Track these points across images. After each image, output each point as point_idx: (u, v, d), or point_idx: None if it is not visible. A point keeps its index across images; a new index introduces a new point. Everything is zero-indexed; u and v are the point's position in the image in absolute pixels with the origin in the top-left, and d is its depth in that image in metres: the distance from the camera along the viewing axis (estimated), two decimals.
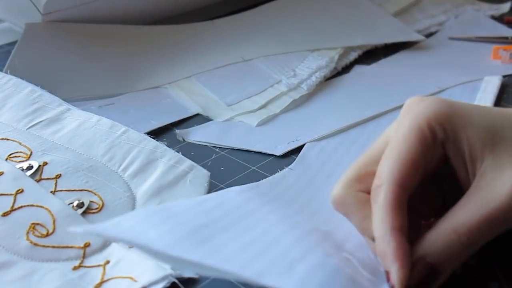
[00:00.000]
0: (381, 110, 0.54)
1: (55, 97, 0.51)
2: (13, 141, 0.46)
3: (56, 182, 0.42)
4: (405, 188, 0.33)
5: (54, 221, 0.38)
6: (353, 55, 0.65)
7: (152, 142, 0.45)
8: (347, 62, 0.64)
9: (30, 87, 0.52)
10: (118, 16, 0.67)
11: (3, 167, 0.43)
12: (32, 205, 0.40)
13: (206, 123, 0.53)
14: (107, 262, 0.36)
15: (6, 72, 0.54)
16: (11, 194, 0.40)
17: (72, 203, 0.40)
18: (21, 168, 0.43)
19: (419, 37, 0.69)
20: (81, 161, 0.44)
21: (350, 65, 0.64)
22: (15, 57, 0.58)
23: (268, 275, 0.29)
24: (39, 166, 0.43)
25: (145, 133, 0.46)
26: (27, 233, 0.37)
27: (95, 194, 0.41)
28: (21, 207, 0.39)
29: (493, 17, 0.76)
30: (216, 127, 0.53)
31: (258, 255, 0.30)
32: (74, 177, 0.42)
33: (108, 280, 0.35)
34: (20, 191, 0.41)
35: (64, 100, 0.51)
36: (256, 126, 0.53)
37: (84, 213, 0.40)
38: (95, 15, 0.65)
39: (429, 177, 0.35)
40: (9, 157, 0.44)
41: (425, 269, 0.31)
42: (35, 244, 0.37)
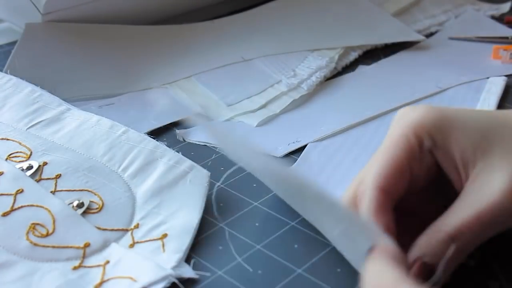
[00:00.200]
0: (382, 110, 0.54)
1: (55, 97, 0.51)
2: (13, 141, 0.46)
3: (56, 182, 0.42)
4: (389, 193, 0.33)
5: (54, 221, 0.38)
6: (353, 55, 0.65)
7: (152, 142, 0.45)
8: (347, 62, 0.64)
9: (30, 87, 0.52)
10: (118, 16, 0.67)
11: (3, 167, 0.43)
12: (32, 205, 0.40)
13: (209, 123, 0.53)
14: (107, 262, 0.36)
15: (6, 72, 0.54)
16: (11, 194, 0.40)
17: (72, 203, 0.40)
18: (21, 168, 0.43)
19: (419, 37, 0.69)
20: (81, 161, 0.44)
21: (351, 65, 0.64)
22: (15, 57, 0.58)
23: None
24: (39, 166, 0.43)
25: (145, 133, 0.46)
26: (27, 233, 0.37)
27: (95, 194, 0.41)
28: (21, 207, 0.39)
29: (493, 17, 0.76)
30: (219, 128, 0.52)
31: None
32: (74, 177, 0.42)
33: (108, 280, 0.35)
34: (20, 191, 0.41)
35: (64, 100, 0.51)
36: (256, 127, 0.53)
37: (84, 213, 0.40)
38: (95, 15, 0.65)
39: (424, 184, 0.35)
40: (9, 157, 0.44)
41: (422, 269, 0.31)
42: (35, 244, 0.37)
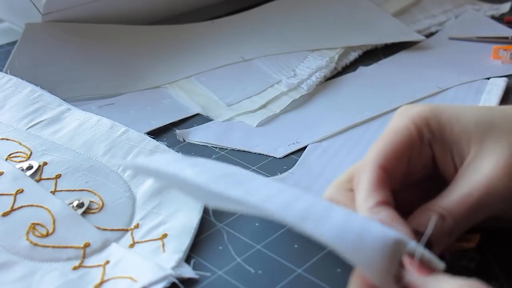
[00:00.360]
0: (382, 111, 0.54)
1: (55, 97, 0.51)
2: (13, 141, 0.46)
3: (56, 182, 0.42)
4: (388, 172, 0.34)
5: (54, 221, 0.38)
6: (353, 55, 0.65)
7: (152, 142, 0.45)
8: (347, 62, 0.64)
9: (30, 87, 0.52)
10: (118, 16, 0.67)
11: (3, 167, 0.43)
12: (32, 205, 0.40)
13: (206, 123, 0.53)
14: (107, 262, 0.36)
15: (6, 72, 0.54)
16: (11, 194, 0.40)
17: (72, 203, 0.40)
18: (21, 168, 0.43)
19: (419, 37, 0.69)
20: (81, 161, 0.44)
21: (351, 65, 0.64)
22: (15, 57, 0.58)
23: (309, 219, 0.28)
24: (39, 166, 0.43)
25: (145, 133, 0.46)
26: (27, 233, 0.37)
27: (95, 194, 0.41)
28: (21, 207, 0.39)
29: (493, 17, 0.76)
30: (216, 127, 0.53)
31: (296, 198, 0.30)
32: (74, 177, 0.42)
33: (108, 280, 0.35)
34: (20, 191, 0.41)
35: (64, 100, 0.51)
36: (256, 127, 0.53)
37: (84, 213, 0.40)
38: (95, 15, 0.65)
39: (419, 177, 0.36)
40: (9, 157, 0.44)
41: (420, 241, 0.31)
42: (35, 244, 0.37)
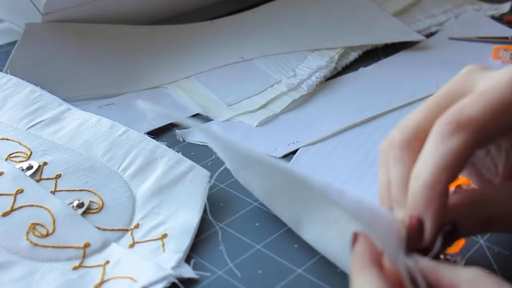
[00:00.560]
0: (382, 111, 0.54)
1: (55, 97, 0.51)
2: (13, 141, 0.46)
3: (56, 182, 0.42)
4: (486, 135, 0.30)
5: (54, 221, 0.38)
6: (353, 55, 0.65)
7: (152, 142, 0.45)
8: (347, 62, 0.64)
9: (30, 87, 0.52)
10: (118, 16, 0.67)
11: (3, 167, 0.43)
12: (32, 205, 0.40)
13: (206, 123, 0.53)
14: (107, 262, 0.36)
15: (6, 72, 0.54)
16: (11, 194, 0.40)
17: (72, 203, 0.40)
18: (21, 168, 0.43)
19: (419, 37, 0.69)
20: (81, 161, 0.44)
21: (351, 65, 0.64)
22: (15, 57, 0.58)
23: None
24: (39, 166, 0.43)
25: (145, 133, 0.46)
26: (27, 233, 0.37)
27: (95, 194, 0.41)
28: (21, 207, 0.39)
29: (493, 17, 0.76)
30: (216, 127, 0.53)
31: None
32: (74, 177, 0.43)
33: (108, 280, 0.35)
34: (20, 191, 0.41)
35: (64, 100, 0.51)
36: (256, 127, 0.53)
37: (84, 213, 0.40)
38: (95, 15, 0.65)
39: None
40: (9, 157, 0.44)
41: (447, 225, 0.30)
42: (35, 244, 0.37)
